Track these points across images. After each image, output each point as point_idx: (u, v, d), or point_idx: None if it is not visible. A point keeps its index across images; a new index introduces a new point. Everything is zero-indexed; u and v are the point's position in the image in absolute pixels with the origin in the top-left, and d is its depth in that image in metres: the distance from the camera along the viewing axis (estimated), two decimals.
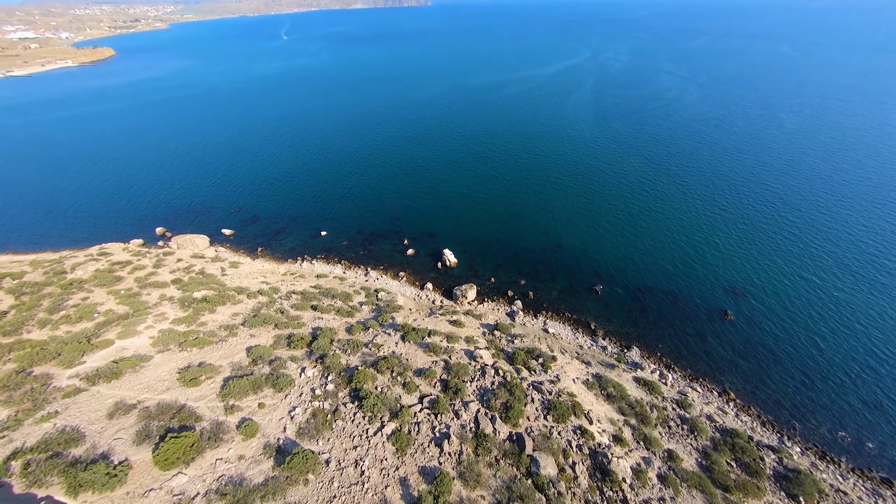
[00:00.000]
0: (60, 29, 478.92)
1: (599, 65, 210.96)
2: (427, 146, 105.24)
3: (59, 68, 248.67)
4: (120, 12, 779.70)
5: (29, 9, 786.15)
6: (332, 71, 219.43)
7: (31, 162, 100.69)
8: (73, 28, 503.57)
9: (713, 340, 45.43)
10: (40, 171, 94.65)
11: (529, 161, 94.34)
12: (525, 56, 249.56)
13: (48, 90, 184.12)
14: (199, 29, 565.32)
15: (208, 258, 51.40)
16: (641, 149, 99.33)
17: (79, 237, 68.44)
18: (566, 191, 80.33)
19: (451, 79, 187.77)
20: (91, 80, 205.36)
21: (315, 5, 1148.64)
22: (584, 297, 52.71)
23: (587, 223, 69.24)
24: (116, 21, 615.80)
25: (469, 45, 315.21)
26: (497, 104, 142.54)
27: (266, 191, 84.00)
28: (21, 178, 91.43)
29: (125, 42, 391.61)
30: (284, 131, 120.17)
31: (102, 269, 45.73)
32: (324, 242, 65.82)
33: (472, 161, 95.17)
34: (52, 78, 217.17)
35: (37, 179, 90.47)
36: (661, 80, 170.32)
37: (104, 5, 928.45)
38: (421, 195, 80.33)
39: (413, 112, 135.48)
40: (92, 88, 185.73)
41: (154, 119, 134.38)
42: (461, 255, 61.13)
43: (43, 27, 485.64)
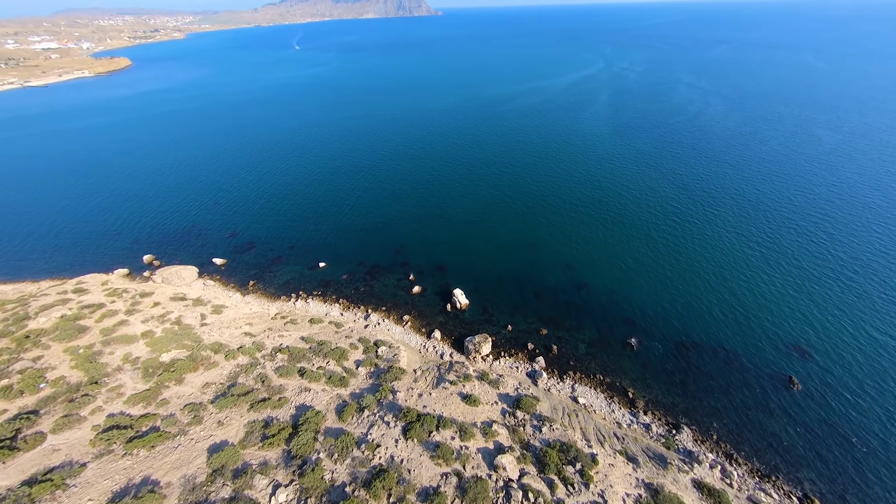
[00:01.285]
0: (83, 39, 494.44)
1: (614, 76, 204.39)
2: (435, 163, 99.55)
3: (75, 78, 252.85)
4: (141, 23, 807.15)
5: (56, 20, 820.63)
6: (341, 81, 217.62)
7: (24, 177, 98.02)
8: (94, 38, 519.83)
9: (781, 418, 37.55)
10: (32, 187, 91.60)
11: (545, 182, 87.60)
12: (537, 66, 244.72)
13: (60, 100, 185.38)
14: (215, 39, 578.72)
15: (190, 300, 45.88)
16: (665, 170, 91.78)
17: (63, 264, 63.97)
18: (586, 218, 73.20)
19: (460, 90, 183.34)
20: (103, 91, 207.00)
21: (328, 15, 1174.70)
22: (616, 352, 45.34)
23: (612, 257, 61.92)
24: (136, 32, 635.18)
25: (479, 55, 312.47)
26: (508, 117, 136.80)
27: (264, 212, 78.97)
28: (11, 194, 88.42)
29: (142, 52, 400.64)
30: (288, 145, 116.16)
31: (69, 315, 40.37)
32: (322, 275, 59.89)
33: (483, 181, 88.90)
34: (66, 88, 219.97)
35: (27, 196, 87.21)
36: (681, 93, 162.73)
37: (127, 16, 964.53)
38: (428, 220, 74.16)
39: (421, 125, 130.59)
40: (102, 99, 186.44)
41: (157, 132, 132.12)
42: (473, 295, 54.42)
43: (66, 38, 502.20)
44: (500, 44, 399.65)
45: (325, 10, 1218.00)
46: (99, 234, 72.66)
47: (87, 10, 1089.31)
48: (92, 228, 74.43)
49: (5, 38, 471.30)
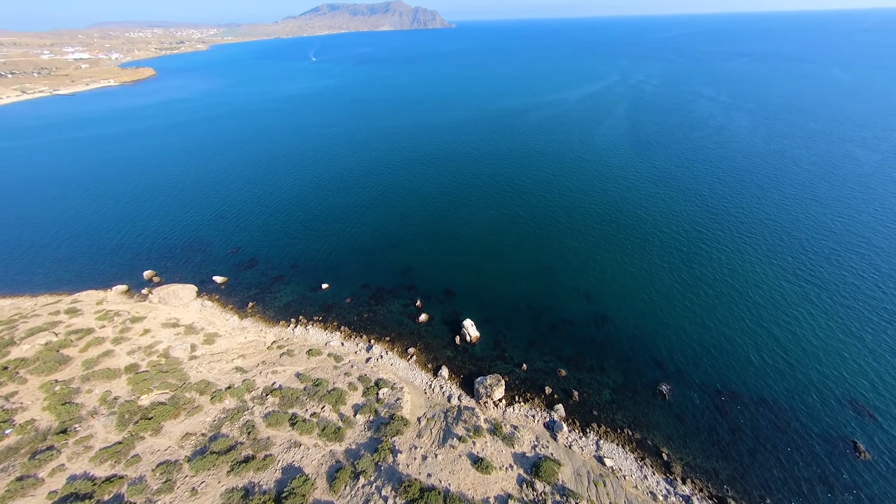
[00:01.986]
0: (112, 50, 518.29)
1: (631, 88, 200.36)
2: (445, 179, 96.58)
3: (101, 87, 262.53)
4: (168, 35, 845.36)
5: (91, 32, 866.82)
6: (354, 92, 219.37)
7: (37, 184, 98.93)
8: (123, 50, 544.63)
9: (846, 496, 31.93)
10: (42, 196, 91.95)
11: (559, 201, 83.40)
12: (550, 79, 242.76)
13: (83, 109, 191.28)
14: (236, 50, 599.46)
15: (182, 326, 43.11)
16: (689, 189, 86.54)
17: (63, 278, 62.58)
18: (604, 240, 68.53)
19: (472, 102, 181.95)
20: (125, 100, 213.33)
21: (345, 28, 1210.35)
22: (645, 401, 40.34)
23: (633, 287, 57.00)
24: (163, 43, 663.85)
25: (492, 67, 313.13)
26: (521, 131, 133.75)
27: (269, 226, 76.86)
28: (23, 203, 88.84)
29: (166, 63, 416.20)
30: (297, 156, 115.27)
31: (54, 342, 37.95)
32: (324, 298, 56.71)
33: (494, 199, 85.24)
34: (91, 97, 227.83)
35: (37, 205, 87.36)
36: (701, 106, 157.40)
37: (156, 29, 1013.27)
38: (437, 239, 70.67)
39: (431, 138, 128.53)
40: (123, 108, 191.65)
41: (171, 141, 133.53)
42: (485, 326, 50.25)
43: (97, 49, 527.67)
44: (512, 56, 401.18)
45: (343, 23, 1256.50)
46: (102, 245, 71.51)
47: (120, 23, 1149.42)
48: (96, 240, 73.43)
49: (42, 49, 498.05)
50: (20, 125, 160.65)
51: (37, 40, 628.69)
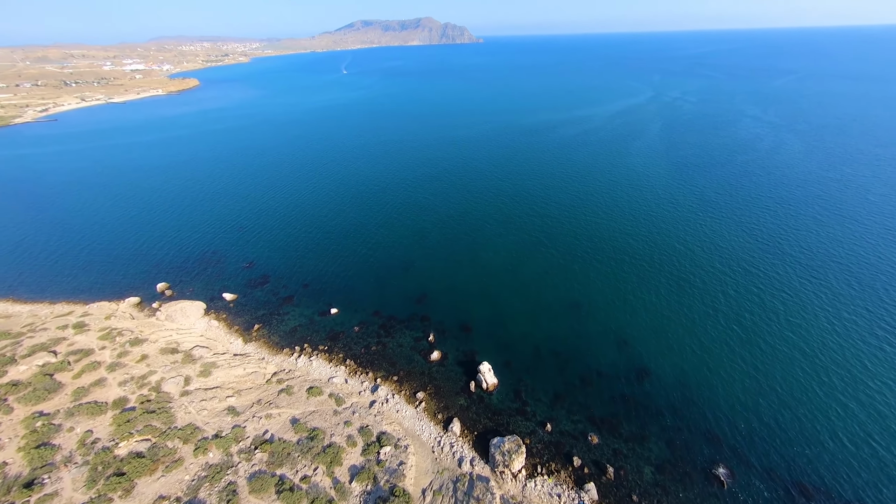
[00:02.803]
0: (164, 62, 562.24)
1: (665, 105, 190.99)
2: (466, 198, 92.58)
3: (150, 96, 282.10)
4: (215, 48, 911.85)
5: (149, 46, 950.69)
6: (380, 105, 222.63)
7: (74, 189, 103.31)
8: (174, 61, 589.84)
9: None
10: (75, 200, 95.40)
11: (589, 227, 77.09)
12: (578, 94, 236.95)
13: (130, 116, 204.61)
14: (274, 63, 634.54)
15: (181, 353, 40.77)
16: (736, 220, 77.84)
17: (82, 286, 63.03)
18: (642, 275, 61.54)
19: (498, 116, 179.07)
20: (168, 108, 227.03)
21: (376, 42, 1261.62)
22: (698, 487, 33.36)
23: (677, 334, 49.82)
24: (209, 56, 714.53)
25: (518, 82, 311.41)
26: (548, 149, 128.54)
27: (285, 241, 75.36)
28: (56, 206, 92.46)
29: (210, 74, 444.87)
30: (319, 169, 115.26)
31: (51, 365, 36.42)
32: (332, 324, 53.34)
33: (517, 222, 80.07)
34: (139, 105, 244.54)
35: (68, 210, 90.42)
36: (746, 127, 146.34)
37: (205, 42, 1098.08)
38: (455, 264, 66.22)
39: (454, 154, 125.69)
40: (165, 116, 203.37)
41: (203, 150, 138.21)
42: (503, 372, 44.85)
43: (152, 61, 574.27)
44: (540, 71, 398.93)
45: (375, 38, 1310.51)
46: (123, 253, 72.24)
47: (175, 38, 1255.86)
48: (117, 247, 74.44)
49: (105, 61, 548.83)
50: (72, 130, 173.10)
51: (102, 53, 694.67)
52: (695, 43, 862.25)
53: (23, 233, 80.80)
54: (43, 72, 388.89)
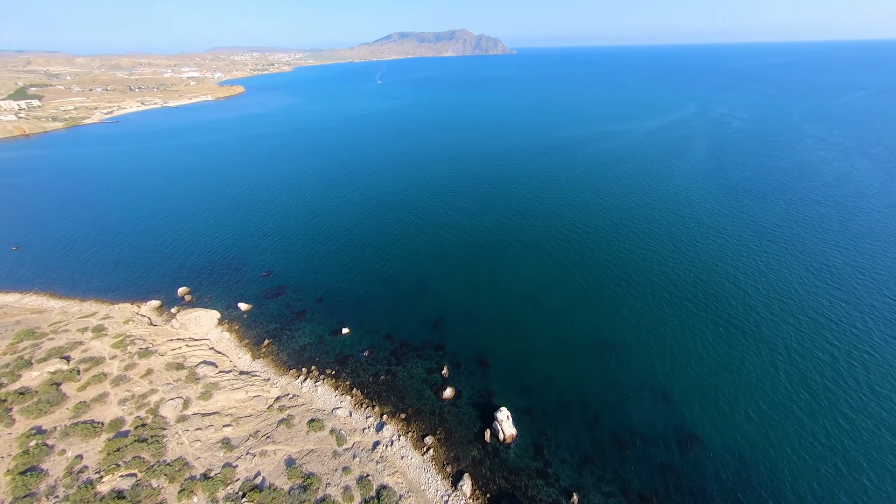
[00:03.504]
0: (217, 70, 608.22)
1: (712, 122, 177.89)
2: (492, 215, 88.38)
3: (200, 101, 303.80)
4: (262, 58, 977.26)
5: (205, 55, 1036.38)
6: (411, 114, 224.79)
7: (119, 186, 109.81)
8: (225, 70, 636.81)
9: None
10: (117, 198, 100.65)
11: (625, 254, 70.26)
12: (616, 108, 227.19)
13: (180, 119, 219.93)
14: (314, 72, 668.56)
15: (186, 370, 39.52)
16: (802, 255, 68.02)
17: (112, 284, 65.02)
18: (687, 316, 54.24)
19: (530, 129, 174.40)
20: (214, 113, 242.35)
21: (411, 53, 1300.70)
22: None
23: (732, 393, 42.51)
24: (257, 65, 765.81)
25: (551, 94, 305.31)
26: (581, 164, 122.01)
27: (304, 250, 74.65)
28: (101, 203, 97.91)
29: (255, 82, 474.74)
30: (346, 177, 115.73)
31: (62, 372, 36.23)
32: (342, 345, 50.73)
33: (546, 245, 74.68)
34: (190, 109, 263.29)
35: (111, 208, 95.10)
36: (808, 148, 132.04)
37: (255, 52, 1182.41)
38: (475, 287, 61.98)
39: (482, 168, 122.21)
40: (210, 120, 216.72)
41: (239, 154, 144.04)
42: (524, 421, 39.81)
43: (206, 69, 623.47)
44: (574, 83, 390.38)
45: (410, 49, 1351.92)
46: (153, 253, 74.33)
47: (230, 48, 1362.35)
48: (148, 247, 76.86)
49: (166, 69, 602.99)
50: (128, 131, 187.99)
51: (165, 61, 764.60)
52: (743, 55, 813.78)
53: (67, 228, 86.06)
54: (114, 78, 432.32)
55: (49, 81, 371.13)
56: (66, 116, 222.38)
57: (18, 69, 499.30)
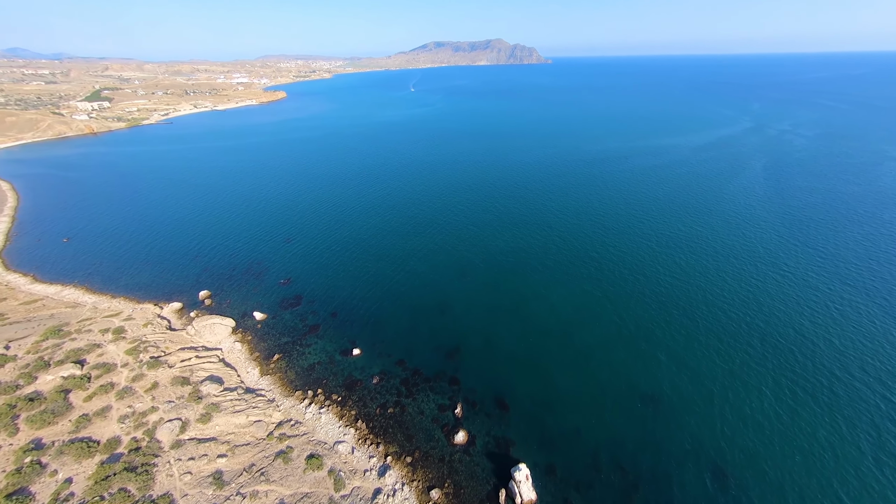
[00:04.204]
0: (263, 77, 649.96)
1: (770, 139, 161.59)
2: (519, 233, 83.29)
3: (245, 105, 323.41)
4: (305, 65, 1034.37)
5: (255, 62, 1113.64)
6: (441, 123, 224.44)
7: (163, 184, 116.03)
8: (271, 76, 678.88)
9: None
10: (159, 195, 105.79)
11: (665, 287, 62.63)
12: (657, 121, 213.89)
13: (224, 122, 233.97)
14: (352, 79, 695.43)
15: (190, 387, 38.33)
16: (893, 303, 57.04)
17: (141, 282, 67.01)
18: (740, 370, 46.36)
19: (562, 140, 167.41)
20: (256, 117, 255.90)
21: (446, 62, 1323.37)
22: None
23: (804, 479, 34.68)
24: (300, 72, 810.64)
25: (587, 104, 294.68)
26: (618, 180, 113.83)
27: (324, 260, 73.60)
28: (145, 200, 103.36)
29: (297, 87, 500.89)
30: (372, 185, 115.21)
31: (74, 378, 36.27)
32: (351, 368, 48.00)
33: (576, 270, 68.46)
34: (235, 112, 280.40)
35: (152, 204, 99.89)
36: (890, 171, 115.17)
37: (298, 60, 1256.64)
38: (497, 315, 57.32)
39: (511, 180, 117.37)
40: (252, 123, 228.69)
41: (273, 157, 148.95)
42: (546, 482, 34.60)
43: (254, 75, 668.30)
44: (611, 93, 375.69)
45: (445, 58, 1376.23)
46: (181, 253, 76.41)
47: (277, 56, 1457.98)
48: (179, 246, 79.23)
49: (219, 75, 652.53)
50: (179, 132, 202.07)
51: (220, 68, 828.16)
52: (807, 67, 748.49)
53: (111, 223, 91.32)
54: (174, 82, 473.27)
55: (120, 85, 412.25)
56: (129, 117, 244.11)
57: (97, 74, 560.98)
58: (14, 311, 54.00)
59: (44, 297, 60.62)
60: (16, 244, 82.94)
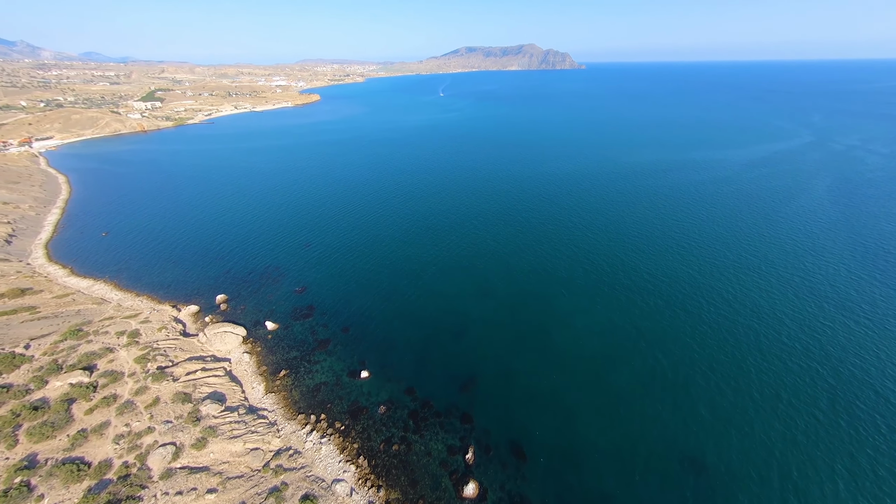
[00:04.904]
0: (301, 80, 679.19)
1: (836, 155, 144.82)
2: (547, 250, 77.86)
3: (281, 107, 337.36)
4: (340, 69, 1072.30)
5: (294, 66, 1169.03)
6: (468, 129, 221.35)
7: (197, 183, 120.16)
8: (307, 79, 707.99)
9: None
10: (192, 193, 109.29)
11: (716, 326, 55.16)
12: (699, 131, 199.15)
13: (259, 123, 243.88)
14: (384, 83, 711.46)
15: (189, 406, 36.90)
16: None
17: (165, 281, 68.29)
18: (815, 440, 38.85)
19: (594, 150, 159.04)
20: (290, 119, 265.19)
21: (476, 67, 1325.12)
22: None
23: None
24: (335, 75, 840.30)
25: (623, 112, 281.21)
26: (658, 198, 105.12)
27: (340, 267, 72.02)
28: (177, 198, 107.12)
29: (331, 91, 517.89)
30: (392, 191, 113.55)
31: (82, 386, 35.83)
32: (358, 392, 45.22)
33: (611, 297, 62.22)
34: (271, 114, 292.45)
35: (184, 202, 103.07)
36: None
37: (334, 64, 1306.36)
38: (518, 344, 52.65)
39: (538, 193, 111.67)
40: (285, 125, 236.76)
41: (300, 159, 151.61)
42: None
43: (292, 78, 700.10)
44: (649, 100, 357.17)
45: (476, 63, 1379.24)
46: (206, 253, 77.64)
47: (315, 60, 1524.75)
48: (203, 246, 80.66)
49: (260, 78, 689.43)
50: (219, 132, 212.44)
51: (261, 71, 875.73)
52: (879, 73, 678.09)
53: (146, 219, 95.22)
54: (219, 84, 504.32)
55: (172, 87, 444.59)
56: (176, 116, 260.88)
57: (154, 76, 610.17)
58: (46, 304, 56.03)
59: (75, 291, 62.92)
60: (61, 236, 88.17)
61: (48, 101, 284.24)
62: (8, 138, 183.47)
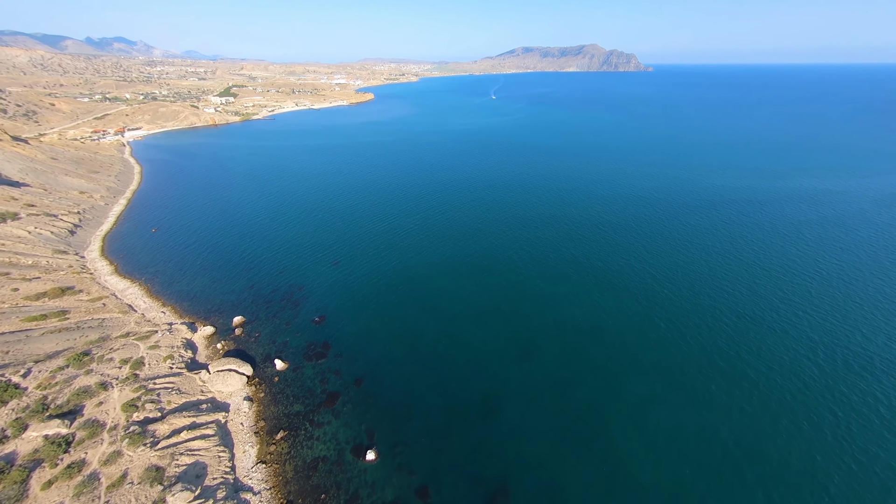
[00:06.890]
0: (358, 79, 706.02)
1: None
2: (608, 300, 63.12)
3: (337, 105, 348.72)
4: (396, 68, 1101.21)
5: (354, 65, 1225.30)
6: (519, 136, 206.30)
7: (241, 182, 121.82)
8: (364, 78, 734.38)
9: None
10: (237, 195, 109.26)
11: (874, 460, 37.75)
12: (801, 151, 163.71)
13: (315, 121, 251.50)
14: (436, 83, 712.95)
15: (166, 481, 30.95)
16: None
17: (191, 292, 66.18)
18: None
19: (662, 169, 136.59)
20: (342, 117, 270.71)
21: (532, 67, 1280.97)
22: None
23: None
24: (391, 74, 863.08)
25: (699, 123, 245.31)
26: (753, 239, 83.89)
27: (364, 296, 64.66)
28: (219, 197, 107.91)
29: (385, 90, 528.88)
30: (435, 204, 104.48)
31: (59, 437, 32.02)
32: (360, 481, 36.60)
33: (696, 378, 46.69)
34: (327, 112, 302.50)
35: (226, 203, 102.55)
36: None
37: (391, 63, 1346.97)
38: (572, 437, 40.35)
39: (600, 216, 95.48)
40: (337, 124, 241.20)
41: (345, 161, 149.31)
42: None
43: (352, 77, 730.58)
44: (730, 110, 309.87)
45: (531, 63, 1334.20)
46: (235, 262, 75.10)
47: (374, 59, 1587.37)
48: (235, 253, 78.49)
49: (323, 76, 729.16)
50: (277, 128, 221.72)
51: (325, 69, 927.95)
52: None
53: (192, 217, 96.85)
54: (286, 82, 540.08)
55: (246, 83, 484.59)
56: (244, 112, 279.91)
57: (234, 73, 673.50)
58: (77, 309, 55.64)
59: (110, 294, 62.85)
60: (119, 229, 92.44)
61: (146, 95, 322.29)
62: (108, 127, 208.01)
